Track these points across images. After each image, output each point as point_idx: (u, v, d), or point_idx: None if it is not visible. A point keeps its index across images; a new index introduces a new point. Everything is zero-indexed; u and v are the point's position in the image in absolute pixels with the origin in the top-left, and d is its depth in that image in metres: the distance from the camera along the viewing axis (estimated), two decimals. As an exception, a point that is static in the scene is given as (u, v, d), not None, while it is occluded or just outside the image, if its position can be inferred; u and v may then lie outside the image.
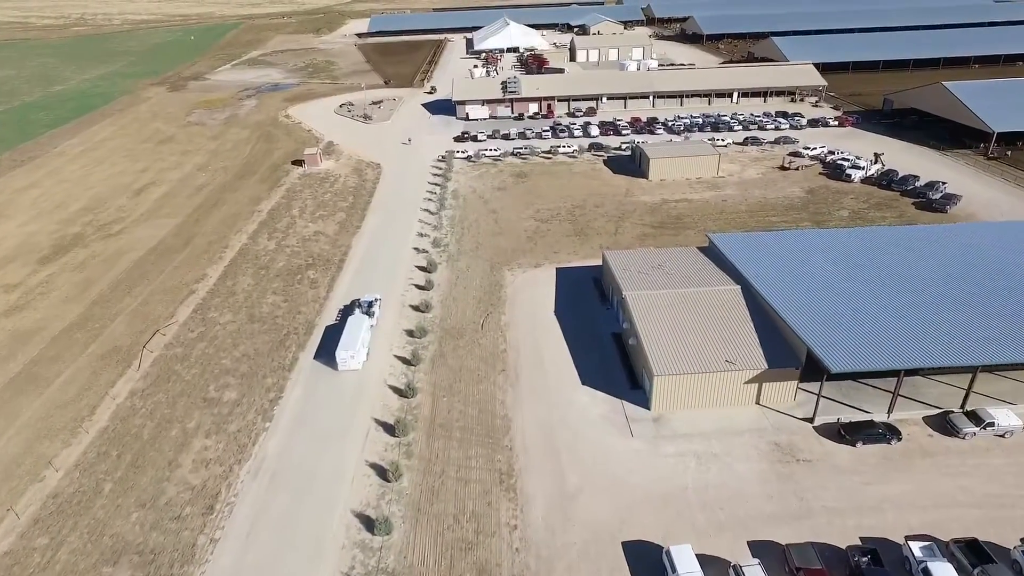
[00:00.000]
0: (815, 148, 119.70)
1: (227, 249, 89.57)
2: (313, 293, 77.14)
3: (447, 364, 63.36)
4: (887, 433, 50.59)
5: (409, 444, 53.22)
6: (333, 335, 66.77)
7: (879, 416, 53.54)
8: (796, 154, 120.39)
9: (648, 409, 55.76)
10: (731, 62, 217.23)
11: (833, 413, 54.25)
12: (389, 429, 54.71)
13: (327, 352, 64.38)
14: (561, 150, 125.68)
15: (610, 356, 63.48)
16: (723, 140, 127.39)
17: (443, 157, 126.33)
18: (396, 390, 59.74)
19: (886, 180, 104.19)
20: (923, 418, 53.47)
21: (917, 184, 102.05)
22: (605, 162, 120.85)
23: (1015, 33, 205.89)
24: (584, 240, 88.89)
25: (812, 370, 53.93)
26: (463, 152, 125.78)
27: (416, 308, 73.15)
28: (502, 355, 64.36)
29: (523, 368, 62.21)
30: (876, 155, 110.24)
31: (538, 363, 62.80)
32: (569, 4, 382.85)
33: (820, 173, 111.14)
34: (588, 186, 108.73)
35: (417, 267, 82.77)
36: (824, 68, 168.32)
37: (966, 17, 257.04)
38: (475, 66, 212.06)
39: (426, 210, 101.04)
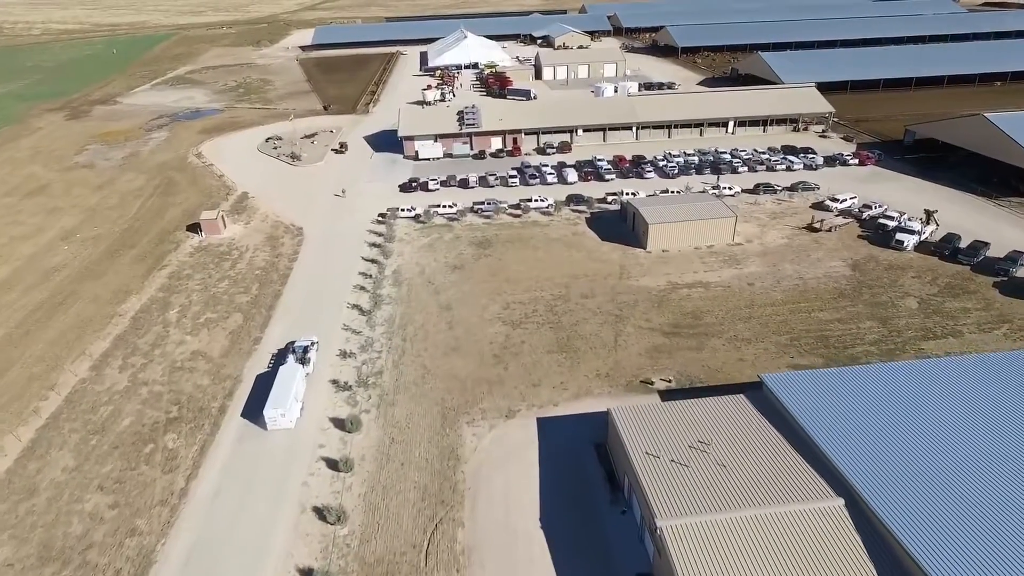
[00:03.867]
0: (844, 199, 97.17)
1: (52, 391, 61.21)
2: (165, 483, 49.82)
3: (363, 662, 37.16)
4: None
5: None
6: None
7: None
8: (821, 206, 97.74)
9: None
10: (713, 79, 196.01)
11: None
12: None
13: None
14: (533, 205, 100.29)
15: (640, 635, 38.21)
16: (729, 188, 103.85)
17: (384, 215, 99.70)
18: None
19: (948, 249, 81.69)
20: None
21: (988, 254, 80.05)
22: (588, 221, 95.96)
23: (1017, 48, 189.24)
24: (573, 360, 63.52)
25: None
26: (410, 209, 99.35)
27: (322, 516, 46.59)
28: (458, 635, 38.49)
29: (494, 673, 36.45)
30: (928, 213, 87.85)
31: (519, 658, 37.11)
32: (530, 13, 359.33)
33: (859, 236, 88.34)
34: (570, 261, 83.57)
35: (332, 422, 56.19)
36: (819, 88, 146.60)
37: (958, 28, 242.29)
38: (427, 87, 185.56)
39: (355, 307, 74.31)
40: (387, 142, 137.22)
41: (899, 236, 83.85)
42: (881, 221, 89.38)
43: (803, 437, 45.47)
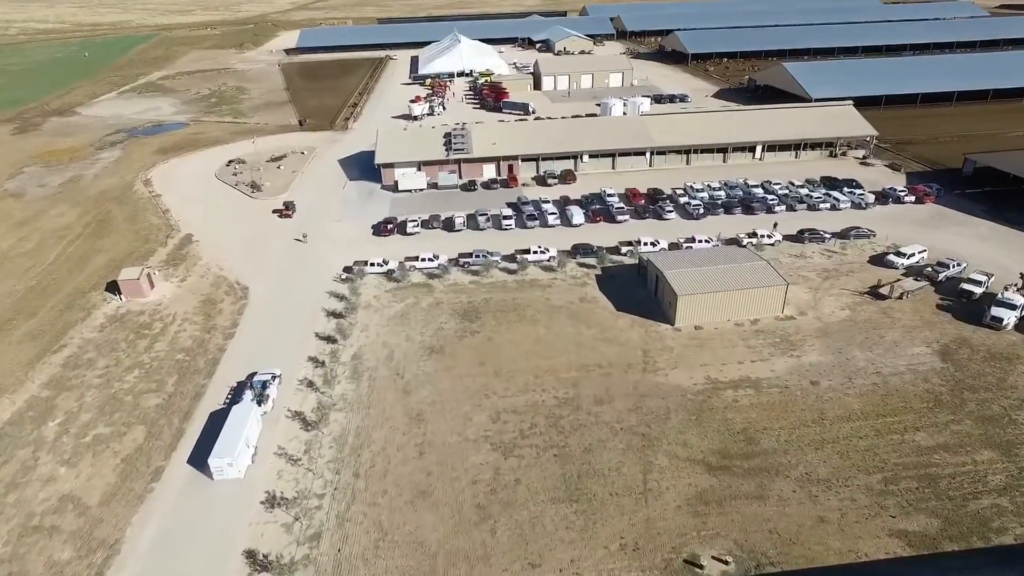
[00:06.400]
0: (910, 252, 79.53)
1: None
2: None
3: None
4: None
5: None
6: None
7: None
8: (882, 260, 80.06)
9: None
10: (729, 90, 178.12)
11: None
12: None
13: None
14: (531, 257, 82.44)
15: None
16: (770, 235, 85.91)
17: (350, 270, 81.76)
18: None
19: (1062, 330, 64.22)
20: None
21: (1114, 338, 62.54)
22: (599, 280, 78.10)
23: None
24: (587, 516, 45.67)
25: None
26: (381, 263, 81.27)
27: None
28: None
29: None
30: (1025, 278, 70.48)
31: None
32: (529, 15, 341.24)
33: (939, 306, 70.61)
34: (578, 343, 65.59)
35: (235, 639, 38.45)
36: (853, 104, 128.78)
37: (989, 34, 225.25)
38: (415, 99, 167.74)
39: (298, 416, 56.39)
40: (365, 167, 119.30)
41: (995, 311, 66.05)
42: (965, 287, 71.70)
43: None
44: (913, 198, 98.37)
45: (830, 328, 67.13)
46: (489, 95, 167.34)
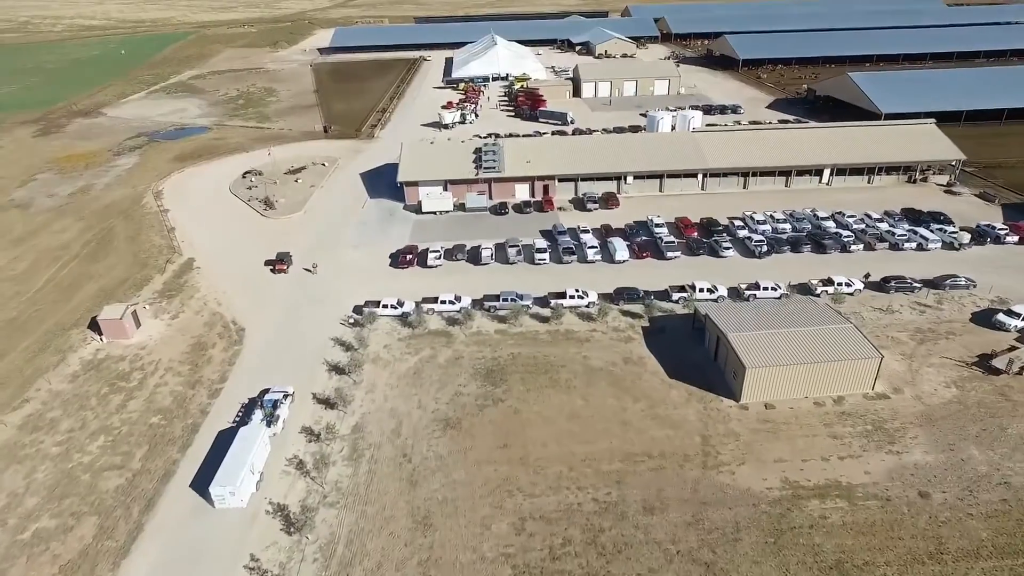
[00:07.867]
0: (1024, 311, 66.11)
1: None
2: None
3: None
4: None
5: None
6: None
7: None
8: (988, 319, 66.73)
9: None
10: (786, 101, 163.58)
11: None
12: None
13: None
14: (567, 303, 71.31)
15: None
16: (848, 283, 73.14)
17: (359, 312, 71.77)
18: None
19: None
20: None
21: None
22: (646, 334, 66.59)
23: None
24: None
25: None
26: (395, 304, 71.03)
27: None
28: None
29: None
30: None
31: None
32: (568, 15, 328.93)
33: (1070, 386, 57.36)
34: (623, 421, 54.27)
35: None
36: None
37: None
38: (448, 105, 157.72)
39: (279, 512, 46.54)
40: (387, 183, 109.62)
41: None
42: (1103, 363, 58.32)
43: None
44: (1016, 237, 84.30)
45: (934, 413, 54.51)
46: (525, 102, 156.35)
